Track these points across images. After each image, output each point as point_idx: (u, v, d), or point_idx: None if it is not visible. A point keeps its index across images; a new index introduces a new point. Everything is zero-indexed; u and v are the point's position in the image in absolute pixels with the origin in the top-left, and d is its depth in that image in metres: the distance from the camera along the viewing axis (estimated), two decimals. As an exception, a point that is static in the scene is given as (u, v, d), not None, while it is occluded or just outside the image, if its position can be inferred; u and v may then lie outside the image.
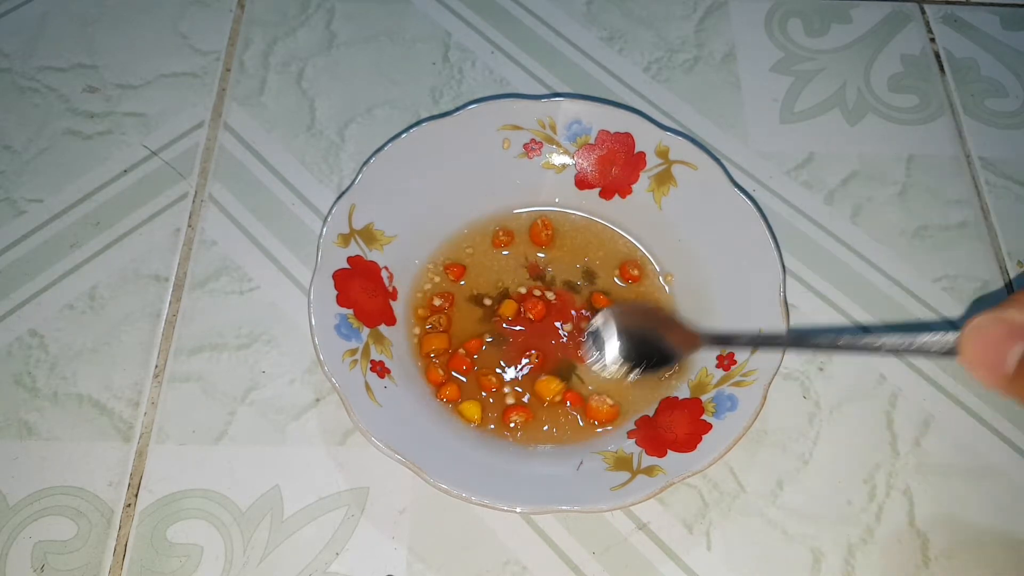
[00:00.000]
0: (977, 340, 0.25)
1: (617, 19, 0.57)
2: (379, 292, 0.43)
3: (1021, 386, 0.24)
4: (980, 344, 0.25)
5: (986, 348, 0.24)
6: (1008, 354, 0.24)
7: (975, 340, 0.25)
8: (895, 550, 0.40)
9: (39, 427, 0.42)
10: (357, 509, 0.40)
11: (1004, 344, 0.24)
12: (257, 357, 0.44)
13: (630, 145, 0.46)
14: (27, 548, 0.38)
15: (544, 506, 0.36)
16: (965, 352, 0.25)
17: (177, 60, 0.54)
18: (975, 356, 0.25)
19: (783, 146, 0.52)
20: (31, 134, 0.51)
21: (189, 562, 0.38)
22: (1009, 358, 0.24)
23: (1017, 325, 0.24)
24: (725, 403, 0.39)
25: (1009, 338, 0.24)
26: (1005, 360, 0.24)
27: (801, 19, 0.58)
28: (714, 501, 0.41)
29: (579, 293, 0.45)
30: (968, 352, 0.25)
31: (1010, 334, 0.24)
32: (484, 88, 0.54)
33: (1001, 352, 0.24)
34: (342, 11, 0.57)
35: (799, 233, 0.49)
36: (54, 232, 0.47)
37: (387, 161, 0.44)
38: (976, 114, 0.54)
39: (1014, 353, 0.24)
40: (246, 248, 0.47)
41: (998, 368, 0.24)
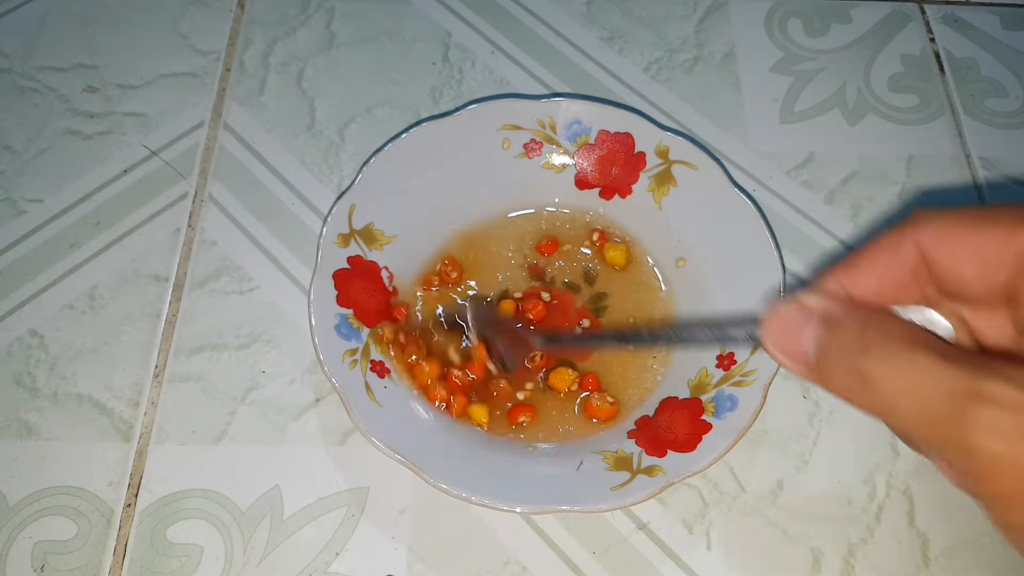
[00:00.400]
0: (774, 327, 0.24)
1: (617, 19, 0.57)
2: (379, 292, 0.43)
3: (820, 375, 0.23)
4: (777, 331, 0.24)
5: (784, 333, 0.24)
6: (803, 339, 0.23)
7: (772, 327, 0.24)
8: (895, 550, 0.40)
9: (39, 427, 0.42)
10: (357, 509, 0.40)
11: (799, 328, 0.23)
12: (257, 357, 0.44)
13: (630, 145, 0.46)
14: (27, 548, 0.38)
15: (544, 506, 0.36)
16: (766, 338, 0.25)
17: (177, 60, 0.54)
18: (774, 342, 0.24)
19: (783, 146, 0.52)
20: (31, 134, 0.51)
21: (189, 562, 0.38)
22: (805, 343, 0.23)
23: (810, 309, 0.24)
24: (725, 403, 0.39)
25: (804, 323, 0.23)
26: (802, 346, 0.23)
27: (801, 19, 0.58)
28: (714, 501, 0.41)
29: (579, 293, 0.45)
30: (768, 339, 0.24)
31: (803, 319, 0.23)
32: (484, 88, 0.54)
33: (798, 337, 0.23)
34: (342, 11, 0.57)
35: (799, 233, 0.49)
36: (54, 232, 0.47)
37: (387, 161, 0.44)
38: (976, 114, 0.54)
39: (809, 337, 0.23)
40: (246, 248, 0.47)
41: (797, 355, 0.24)
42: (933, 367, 0.20)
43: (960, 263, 0.23)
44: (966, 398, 0.19)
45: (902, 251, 0.24)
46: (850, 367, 0.22)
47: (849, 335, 0.22)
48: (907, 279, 0.24)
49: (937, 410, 0.20)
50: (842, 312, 0.23)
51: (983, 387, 0.19)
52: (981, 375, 0.19)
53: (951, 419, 0.19)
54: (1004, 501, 0.19)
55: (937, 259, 0.23)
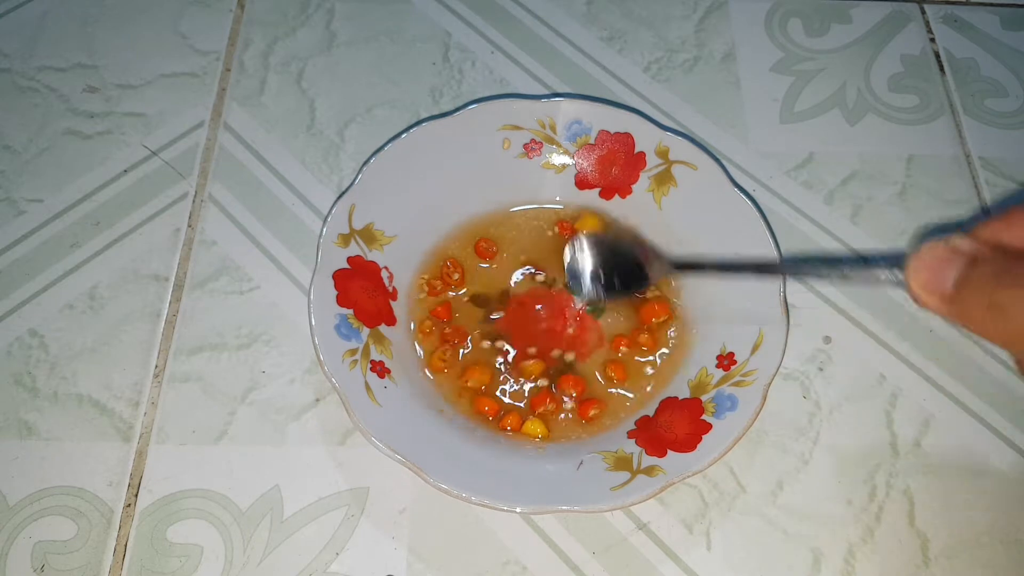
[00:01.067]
0: (923, 264, 0.26)
1: (617, 19, 0.57)
2: (379, 292, 0.43)
3: (958, 307, 0.25)
4: (923, 267, 0.26)
5: (929, 270, 0.25)
6: (946, 274, 0.25)
7: (919, 264, 0.26)
8: (895, 550, 0.40)
9: (39, 427, 0.42)
10: (357, 509, 0.40)
11: (944, 266, 0.25)
12: (257, 357, 0.44)
13: (630, 145, 0.46)
14: (27, 548, 0.38)
15: (544, 506, 0.36)
16: (910, 275, 0.26)
17: (177, 60, 0.54)
18: (919, 278, 0.26)
19: (783, 146, 0.52)
20: (31, 134, 0.51)
21: (189, 562, 0.38)
22: (947, 279, 0.25)
23: (959, 249, 0.25)
24: (725, 403, 0.39)
25: (950, 260, 0.25)
26: (945, 282, 0.25)
27: (801, 19, 0.58)
28: (714, 501, 0.41)
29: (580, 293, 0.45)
30: (912, 275, 0.26)
31: (950, 257, 0.25)
32: (484, 88, 0.54)
33: (942, 273, 0.25)
34: (342, 11, 0.57)
35: (799, 233, 0.49)
36: (54, 232, 0.47)
37: (387, 161, 0.44)
38: (976, 114, 0.54)
39: (951, 273, 0.25)
40: (246, 248, 0.47)
41: (938, 289, 0.25)
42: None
43: None
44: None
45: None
46: (986, 298, 0.24)
47: (990, 270, 0.24)
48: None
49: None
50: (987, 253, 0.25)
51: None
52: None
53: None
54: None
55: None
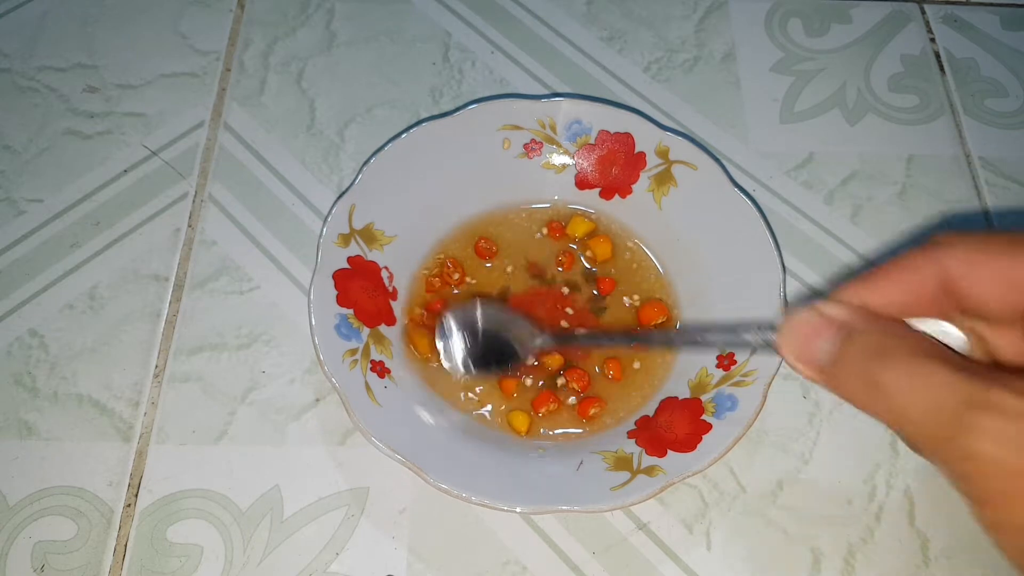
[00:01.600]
0: (791, 334, 0.25)
1: (617, 19, 0.57)
2: (379, 292, 0.43)
3: (835, 382, 0.24)
4: (794, 338, 0.25)
5: (800, 340, 0.25)
6: (818, 346, 0.24)
7: (789, 334, 0.25)
8: (895, 550, 0.40)
9: (39, 427, 0.42)
10: (357, 509, 0.40)
11: (816, 337, 0.24)
12: (257, 357, 0.44)
13: (630, 145, 0.46)
14: (27, 548, 0.38)
15: (544, 506, 0.36)
16: (781, 344, 0.26)
17: (177, 60, 0.54)
18: (791, 348, 0.25)
19: (783, 146, 0.52)
20: (31, 134, 0.51)
21: (189, 562, 0.38)
22: (820, 350, 0.24)
23: (829, 318, 0.25)
24: (725, 403, 0.39)
25: (820, 331, 0.24)
26: (817, 353, 0.24)
27: (801, 19, 0.58)
28: (714, 501, 0.41)
29: (580, 292, 0.45)
30: (784, 345, 0.26)
31: (821, 327, 0.24)
32: (484, 88, 0.54)
33: (814, 344, 0.24)
34: (342, 11, 0.57)
35: (799, 233, 0.49)
36: (54, 232, 0.47)
37: (387, 161, 0.44)
38: (976, 114, 0.54)
39: (824, 345, 0.24)
40: (246, 248, 0.47)
41: (811, 361, 0.25)
42: (945, 377, 0.21)
43: (985, 287, 0.24)
44: (971, 406, 0.20)
45: (924, 271, 0.24)
46: (864, 374, 0.23)
47: (866, 343, 0.23)
48: (927, 297, 0.25)
49: (943, 417, 0.21)
50: (859, 321, 0.24)
51: (988, 396, 0.20)
52: (988, 385, 0.20)
53: (955, 425, 0.20)
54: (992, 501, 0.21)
55: (962, 281, 0.24)
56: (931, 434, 0.21)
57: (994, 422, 0.20)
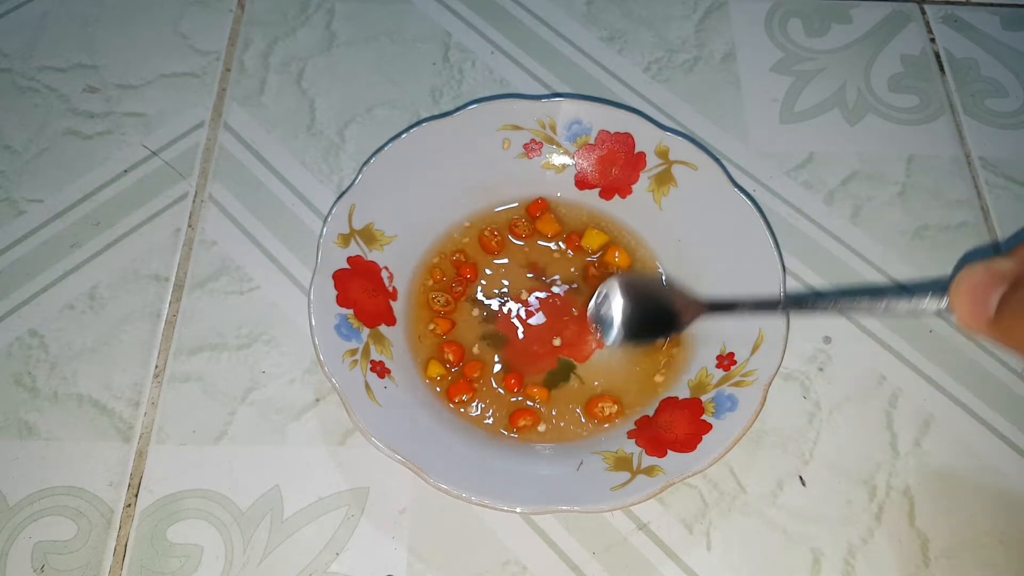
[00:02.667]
0: (965, 290, 0.26)
1: (617, 19, 0.57)
2: (379, 292, 0.43)
3: (1001, 330, 0.25)
4: (966, 290, 0.26)
5: (972, 294, 0.26)
6: (990, 298, 0.25)
7: (962, 287, 0.26)
8: (895, 550, 0.40)
9: (39, 427, 0.42)
10: (357, 509, 0.40)
11: (988, 289, 0.25)
12: (257, 357, 0.44)
13: (630, 145, 0.46)
14: (27, 548, 0.38)
15: (544, 506, 0.36)
16: (953, 299, 0.26)
17: (177, 60, 0.54)
18: (962, 302, 0.26)
19: (783, 146, 0.52)
20: (31, 134, 0.51)
21: (189, 562, 0.38)
22: (990, 303, 0.25)
23: (1001, 272, 0.25)
24: (725, 403, 0.39)
25: (992, 283, 0.25)
26: (988, 306, 0.25)
27: (801, 19, 0.58)
28: (714, 501, 0.41)
29: (581, 293, 0.45)
30: (956, 299, 0.26)
31: (993, 280, 0.25)
32: (484, 88, 0.54)
33: (985, 297, 0.25)
34: (342, 11, 0.57)
35: (799, 233, 0.49)
36: (54, 232, 0.47)
37: (387, 161, 0.44)
38: (976, 114, 0.54)
39: (995, 297, 0.25)
40: (246, 248, 0.47)
41: (981, 312, 0.25)
42: None
43: None
44: None
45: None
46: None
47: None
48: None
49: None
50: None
51: None
52: None
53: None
54: None
55: None
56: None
57: None
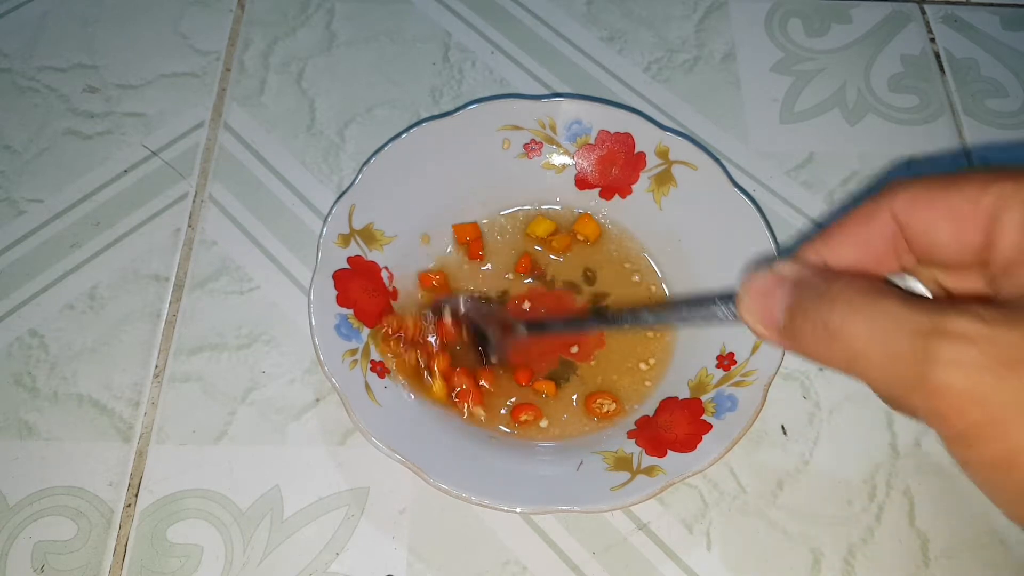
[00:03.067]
0: (751, 296, 0.25)
1: (617, 19, 0.57)
2: (379, 292, 0.43)
3: (791, 336, 0.23)
4: (753, 298, 0.25)
5: (758, 302, 0.25)
6: (776, 305, 0.24)
7: (747, 297, 0.25)
8: (895, 550, 0.40)
9: (39, 427, 0.42)
10: (357, 509, 0.40)
11: (772, 296, 0.24)
12: (257, 357, 0.44)
13: (630, 145, 0.46)
14: (27, 548, 0.38)
15: (544, 506, 0.36)
16: (741, 308, 0.25)
17: (177, 60, 0.54)
18: (751, 311, 0.25)
19: (783, 146, 0.52)
20: (31, 134, 0.51)
21: (189, 562, 0.38)
22: (777, 309, 0.24)
23: (785, 277, 0.24)
24: (725, 403, 0.39)
25: (777, 290, 0.24)
26: (775, 312, 0.24)
27: (801, 19, 0.58)
28: (714, 501, 0.41)
29: (580, 293, 0.45)
30: (744, 309, 0.25)
31: (776, 285, 0.24)
32: (484, 88, 0.54)
33: (771, 303, 0.24)
34: (342, 11, 0.57)
35: (799, 233, 0.49)
36: (54, 232, 0.47)
37: (387, 161, 0.44)
38: (976, 114, 0.54)
39: (780, 303, 0.24)
40: (246, 248, 0.47)
41: (769, 320, 0.24)
42: (897, 311, 0.20)
43: (934, 227, 0.23)
44: (928, 336, 0.19)
45: (878, 220, 0.24)
46: (817, 323, 0.22)
47: (814, 291, 0.23)
48: (884, 248, 0.24)
49: (901, 352, 0.20)
50: (812, 275, 0.24)
51: (945, 323, 0.19)
52: (944, 313, 0.19)
53: (914, 359, 0.19)
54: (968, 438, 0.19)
55: (912, 225, 0.23)
56: (895, 375, 0.20)
57: (955, 349, 0.19)
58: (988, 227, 0.22)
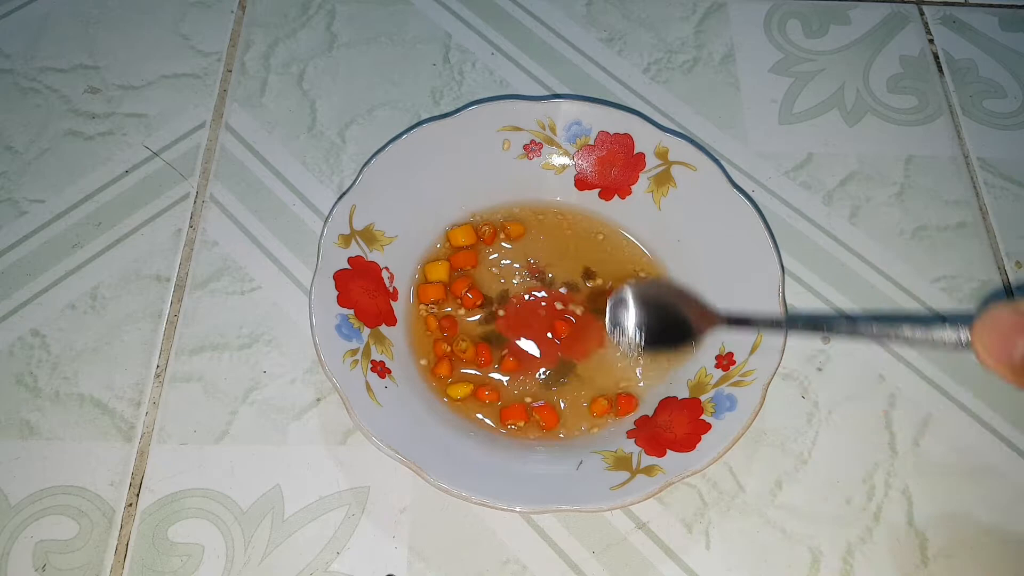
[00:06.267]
0: (990, 330, 0.25)
1: (617, 20, 0.57)
2: (380, 292, 0.43)
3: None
4: (992, 334, 0.25)
5: (998, 338, 0.24)
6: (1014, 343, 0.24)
7: (988, 330, 0.25)
8: (894, 550, 0.40)
9: (41, 427, 0.42)
10: (358, 508, 0.40)
11: (1012, 334, 0.24)
12: (258, 357, 0.44)
13: (629, 146, 0.46)
14: (29, 548, 0.39)
15: (544, 505, 0.36)
16: (978, 341, 0.25)
17: (178, 61, 0.54)
18: (987, 345, 0.25)
19: (782, 147, 0.52)
20: (33, 135, 0.51)
21: (190, 561, 0.39)
22: (1016, 347, 0.24)
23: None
24: (724, 403, 0.39)
25: (1017, 328, 0.24)
26: (1013, 350, 0.24)
27: (800, 20, 0.58)
28: (713, 501, 0.41)
29: (580, 293, 0.46)
30: (980, 341, 0.25)
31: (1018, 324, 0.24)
32: (484, 89, 0.54)
33: (1009, 341, 0.24)
34: (343, 13, 0.57)
35: (798, 234, 0.49)
36: (56, 232, 0.48)
37: (388, 162, 0.44)
38: (975, 115, 0.54)
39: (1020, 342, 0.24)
40: (247, 248, 0.47)
41: (1005, 356, 0.24)
42: None
43: None
44: None
45: None
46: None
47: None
48: None
49: None
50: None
51: None
52: None
53: None
54: None
55: None
56: None
57: None
58: None
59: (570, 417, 0.42)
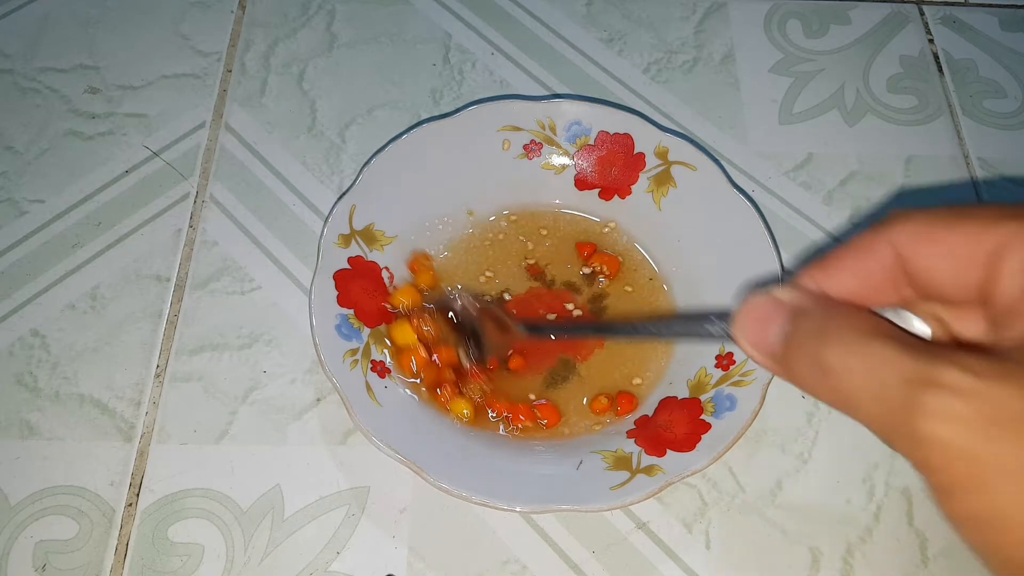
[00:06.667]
0: (747, 318, 0.24)
1: (616, 20, 0.57)
2: (380, 292, 0.43)
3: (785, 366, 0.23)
4: (748, 321, 0.24)
5: (754, 326, 0.24)
6: (771, 331, 0.23)
7: (745, 318, 0.24)
8: (894, 549, 0.40)
9: (41, 427, 0.42)
10: (358, 508, 0.40)
11: (768, 321, 0.23)
12: (258, 357, 0.44)
13: (629, 146, 0.46)
14: (28, 548, 0.39)
15: (544, 505, 0.36)
16: (736, 332, 0.24)
17: (178, 61, 0.54)
18: (745, 334, 0.24)
19: (782, 147, 0.52)
20: (33, 135, 0.51)
21: (190, 561, 0.39)
22: (772, 335, 0.23)
23: (781, 302, 0.23)
24: (724, 403, 0.39)
25: (775, 316, 0.23)
26: (770, 338, 0.23)
27: (800, 20, 0.58)
28: (713, 500, 0.41)
29: (579, 293, 0.46)
30: (738, 331, 0.24)
31: (773, 311, 0.23)
32: (484, 89, 0.54)
33: (767, 329, 0.23)
34: (343, 13, 0.57)
35: (798, 234, 0.49)
36: (56, 232, 0.48)
37: (388, 162, 0.44)
38: (975, 115, 0.54)
39: (776, 329, 0.23)
40: (247, 248, 0.47)
41: (764, 347, 0.23)
42: (890, 355, 0.20)
43: (935, 263, 0.22)
44: (918, 385, 0.19)
45: (877, 251, 0.23)
46: (811, 357, 0.22)
47: (812, 324, 0.22)
48: (883, 280, 0.23)
49: (891, 398, 0.19)
50: (812, 305, 0.23)
51: (936, 374, 0.19)
52: (936, 362, 0.19)
53: (903, 407, 0.19)
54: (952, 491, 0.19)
55: (912, 259, 0.23)
56: (882, 418, 0.20)
57: (944, 401, 0.18)
58: (990, 268, 0.21)
59: (572, 415, 0.42)
